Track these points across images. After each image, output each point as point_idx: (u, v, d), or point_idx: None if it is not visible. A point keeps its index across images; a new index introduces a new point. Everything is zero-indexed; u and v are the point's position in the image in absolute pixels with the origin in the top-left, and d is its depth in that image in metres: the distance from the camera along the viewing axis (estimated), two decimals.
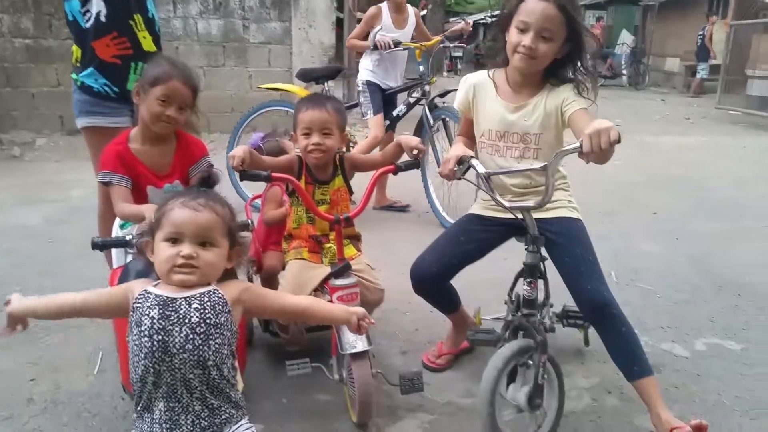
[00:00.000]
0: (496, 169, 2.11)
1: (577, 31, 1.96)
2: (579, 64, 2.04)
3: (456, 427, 2.14)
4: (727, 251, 3.90)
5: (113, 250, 2.47)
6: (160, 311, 1.40)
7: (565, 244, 2.07)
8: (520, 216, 1.98)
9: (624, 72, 18.48)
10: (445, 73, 19.01)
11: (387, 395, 2.26)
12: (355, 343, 2.01)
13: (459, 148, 2.08)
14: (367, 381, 2.00)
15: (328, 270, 2.21)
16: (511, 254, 2.25)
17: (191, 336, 1.40)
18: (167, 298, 1.42)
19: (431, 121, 4.39)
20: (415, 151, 2.25)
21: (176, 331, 1.39)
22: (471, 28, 5.01)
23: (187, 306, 1.42)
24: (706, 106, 12.04)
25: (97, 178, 2.25)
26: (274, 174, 2.10)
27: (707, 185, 5.63)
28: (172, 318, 1.40)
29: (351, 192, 2.43)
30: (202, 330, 1.41)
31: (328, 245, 2.34)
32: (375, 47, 4.39)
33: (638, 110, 11.65)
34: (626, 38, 19.26)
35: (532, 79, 2.11)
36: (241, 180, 2.20)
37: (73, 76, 2.70)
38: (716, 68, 12.85)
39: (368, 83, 4.62)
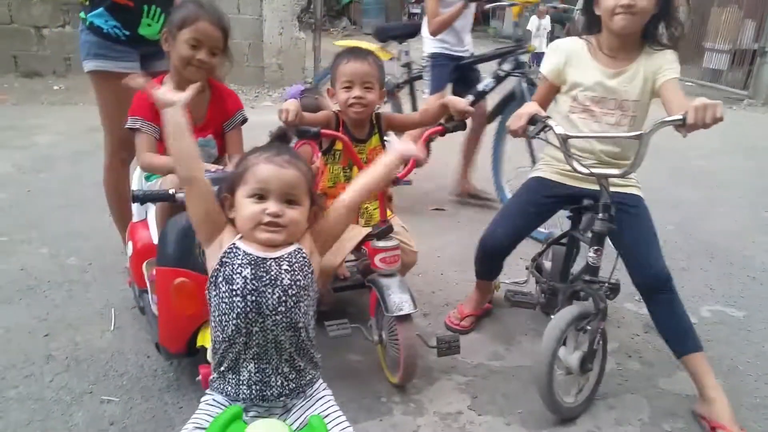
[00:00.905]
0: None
1: None
2: (669, 19, 2.05)
3: (491, 387, 2.18)
4: (709, 220, 4.07)
5: (133, 204, 2.35)
6: (253, 271, 1.36)
7: (635, 218, 2.11)
8: (588, 185, 2.03)
9: None
10: None
11: (420, 356, 2.27)
12: (402, 305, 2.01)
13: (532, 106, 2.03)
14: (413, 343, 2.01)
15: (365, 231, 2.19)
16: None
17: (284, 298, 1.37)
18: (258, 257, 1.38)
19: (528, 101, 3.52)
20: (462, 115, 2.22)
21: (269, 293, 1.36)
22: None
23: (277, 267, 1.38)
24: None
25: (126, 125, 2.13)
26: (323, 131, 2.04)
27: (678, 156, 5.81)
28: (264, 279, 1.36)
29: None
30: (293, 292, 1.38)
31: (365, 205, 2.30)
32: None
33: None
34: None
35: (630, 43, 2.11)
36: (295, 135, 2.12)
37: (82, 15, 2.52)
38: None
39: (435, 56, 3.70)
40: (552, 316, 2.10)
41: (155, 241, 2.12)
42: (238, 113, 2.27)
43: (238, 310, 1.35)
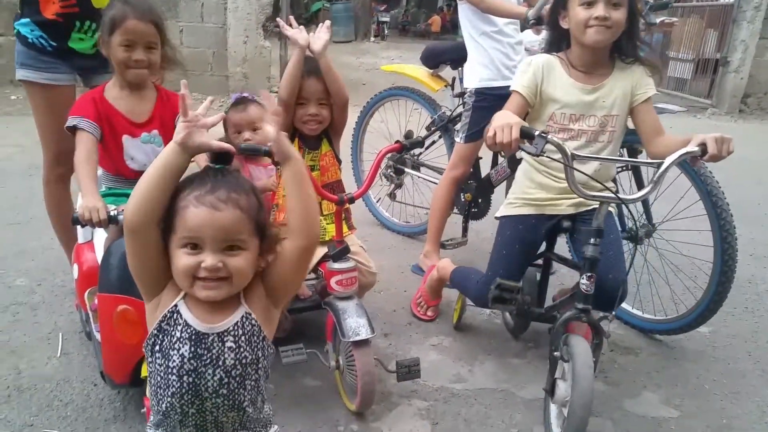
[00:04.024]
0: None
1: (633, 1, 1.98)
2: (635, 35, 2.05)
3: (452, 412, 2.12)
4: (673, 233, 4.08)
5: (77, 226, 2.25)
6: (192, 349, 1.20)
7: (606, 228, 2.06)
8: (564, 209, 2.05)
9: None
10: (372, 38, 18.81)
11: (380, 380, 2.21)
12: (359, 330, 1.95)
13: (513, 116, 1.86)
14: (370, 370, 1.94)
15: (322, 251, 2.13)
16: None
17: (226, 380, 1.22)
18: (199, 333, 1.21)
19: None
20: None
21: (209, 374, 1.21)
22: None
23: (220, 345, 1.22)
24: None
25: (66, 125, 2.03)
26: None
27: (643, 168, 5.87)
28: (205, 358, 1.21)
29: (339, 160, 2.33)
30: (238, 372, 1.24)
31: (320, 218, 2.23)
32: (538, 22, 2.60)
33: None
34: None
35: (603, 57, 2.09)
36: (239, 153, 2.05)
37: (15, 23, 2.43)
38: None
39: (480, 93, 2.91)
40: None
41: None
42: None
43: (173, 389, 1.21)
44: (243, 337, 1.24)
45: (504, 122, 1.79)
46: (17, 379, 2.17)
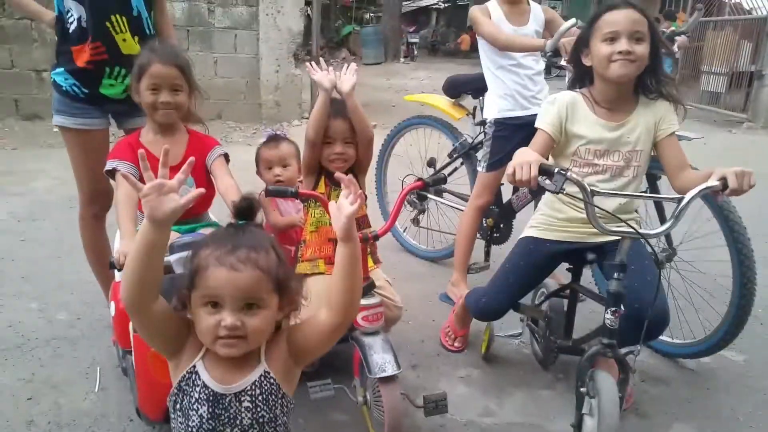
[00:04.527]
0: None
1: (655, 36, 2.01)
2: (658, 71, 2.07)
3: None
4: (706, 252, 4.01)
5: None
6: (210, 410, 1.26)
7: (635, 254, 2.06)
8: (589, 239, 2.10)
9: None
10: (401, 59, 19.00)
11: (407, 415, 2.23)
12: (384, 366, 1.97)
13: (533, 154, 1.87)
14: (396, 406, 1.96)
15: None
16: None
17: None
18: (216, 393, 1.26)
19: None
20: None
21: None
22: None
23: (237, 405, 1.27)
24: None
25: (105, 169, 2.18)
26: (302, 191, 2.04)
27: None
28: (223, 418, 1.26)
29: (365, 196, 2.38)
30: (255, 431, 1.29)
31: None
32: (555, 54, 2.63)
33: None
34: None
35: (626, 93, 2.11)
36: (267, 196, 2.12)
37: (52, 71, 2.57)
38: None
39: (499, 123, 3.01)
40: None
41: None
42: (216, 147, 2.30)
43: None
44: (260, 397, 1.28)
45: (523, 160, 1.80)
46: (57, 414, 2.24)
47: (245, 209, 1.33)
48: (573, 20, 2.59)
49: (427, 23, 27.22)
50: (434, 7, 28.01)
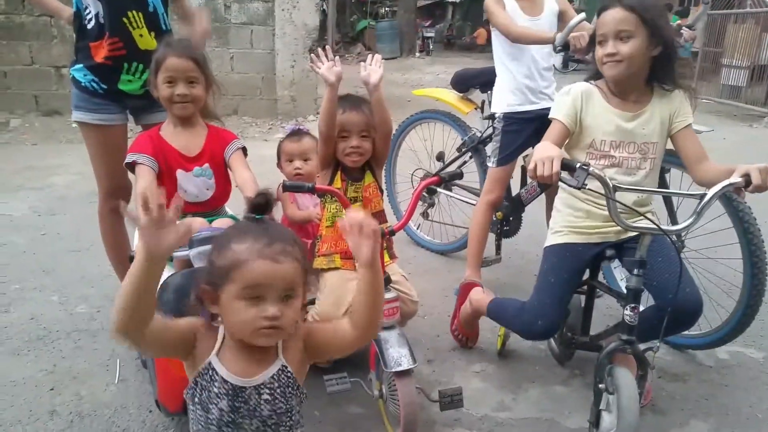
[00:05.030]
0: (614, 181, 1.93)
1: (658, 27, 1.97)
2: (669, 62, 2.04)
3: None
4: (724, 248, 3.97)
5: None
6: (230, 403, 1.28)
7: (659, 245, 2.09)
8: (609, 237, 2.09)
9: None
10: (417, 54, 18.95)
11: (423, 408, 2.24)
12: (400, 360, 1.98)
13: (555, 148, 1.86)
14: (412, 400, 1.97)
15: None
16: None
17: (262, 428, 1.31)
18: (236, 387, 1.28)
19: None
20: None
21: (246, 423, 1.30)
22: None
23: (257, 397, 1.29)
24: None
25: (125, 161, 2.22)
26: (318, 186, 2.05)
27: None
28: (243, 410, 1.29)
29: (381, 190, 2.39)
30: (273, 421, 1.31)
31: None
32: (565, 47, 2.63)
33: None
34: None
35: (637, 86, 2.10)
36: (284, 191, 2.14)
37: (70, 68, 2.60)
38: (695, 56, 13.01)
39: (508, 118, 3.01)
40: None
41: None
42: (235, 141, 2.33)
43: None
44: (279, 390, 1.31)
45: (545, 155, 1.79)
46: (78, 405, 2.28)
47: (262, 205, 1.34)
48: (582, 15, 2.61)
49: (443, 17, 27.07)
50: (450, 1, 27.89)
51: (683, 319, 1.99)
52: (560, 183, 1.85)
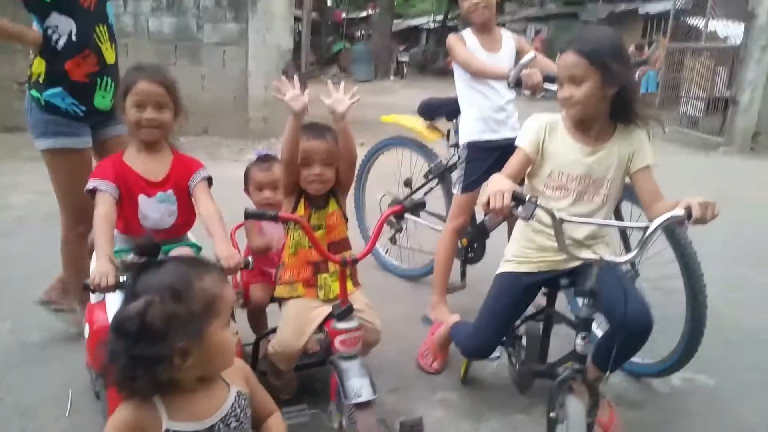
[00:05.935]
0: (562, 213, 1.95)
1: (610, 70, 1.98)
2: (627, 102, 2.07)
3: None
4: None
5: None
6: None
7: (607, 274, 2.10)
8: (561, 266, 2.13)
9: None
10: (391, 77, 19.14)
11: None
12: (360, 391, 1.95)
13: (506, 182, 1.88)
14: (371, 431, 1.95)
15: (327, 310, 2.15)
16: None
17: None
18: (206, 429, 1.34)
19: None
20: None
21: None
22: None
23: (226, 428, 1.37)
24: None
25: (86, 188, 2.15)
26: (281, 215, 2.03)
27: None
28: None
29: (346, 218, 2.37)
30: None
31: (323, 276, 2.26)
32: (518, 84, 2.73)
33: None
34: None
35: (598, 121, 2.13)
36: (246, 219, 2.11)
37: (34, 93, 2.52)
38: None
39: (472, 146, 3.09)
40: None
41: None
42: (200, 170, 2.28)
43: None
44: (243, 413, 1.40)
45: (497, 188, 1.83)
46: None
47: (150, 247, 1.45)
48: (531, 54, 2.77)
49: (417, 42, 27.46)
50: (424, 27, 28.33)
51: (635, 331, 2.02)
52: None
